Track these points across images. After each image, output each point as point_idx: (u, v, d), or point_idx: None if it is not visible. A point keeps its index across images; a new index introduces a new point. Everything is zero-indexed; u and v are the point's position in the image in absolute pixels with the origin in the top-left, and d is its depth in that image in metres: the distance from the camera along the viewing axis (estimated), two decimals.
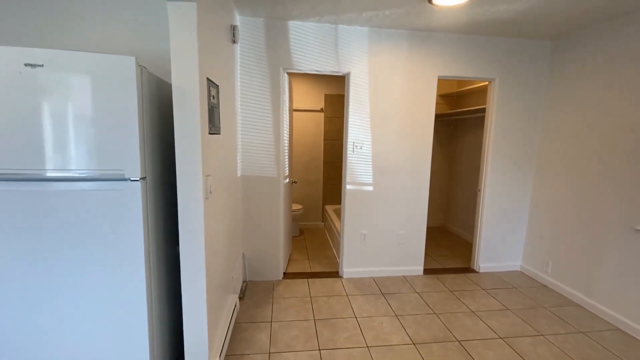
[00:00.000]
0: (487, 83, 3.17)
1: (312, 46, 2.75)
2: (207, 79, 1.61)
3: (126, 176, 1.32)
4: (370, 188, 3.02)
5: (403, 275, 3.16)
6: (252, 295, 2.70)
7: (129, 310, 1.41)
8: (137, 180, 1.33)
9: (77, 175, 1.29)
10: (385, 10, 2.39)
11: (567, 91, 2.80)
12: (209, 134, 1.65)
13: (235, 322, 2.30)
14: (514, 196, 3.19)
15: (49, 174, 1.27)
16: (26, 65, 1.18)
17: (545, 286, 2.96)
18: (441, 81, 4.34)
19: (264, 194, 2.89)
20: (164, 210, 1.62)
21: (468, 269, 3.32)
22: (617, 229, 2.38)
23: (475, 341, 2.15)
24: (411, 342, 2.12)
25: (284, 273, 3.14)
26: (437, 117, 4.62)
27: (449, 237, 4.44)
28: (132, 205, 1.34)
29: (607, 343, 2.16)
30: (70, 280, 1.35)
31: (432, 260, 3.54)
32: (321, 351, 2.02)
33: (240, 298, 2.64)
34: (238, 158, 2.70)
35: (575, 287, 2.70)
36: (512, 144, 3.10)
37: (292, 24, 2.69)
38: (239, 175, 2.72)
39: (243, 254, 2.92)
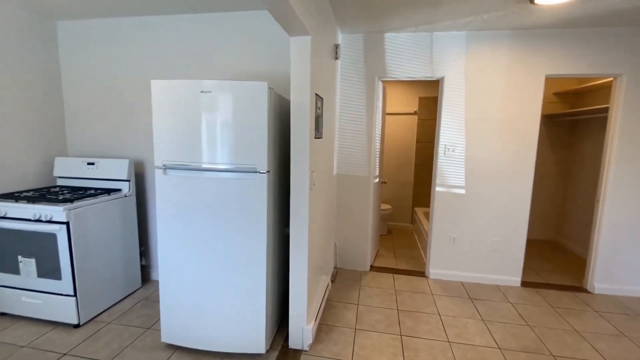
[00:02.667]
0: (612, 79, 2.79)
1: (406, 54, 2.92)
2: (316, 94, 1.98)
3: (257, 169, 1.78)
4: (462, 191, 3.01)
5: (496, 284, 3.03)
6: (341, 280, 3.03)
7: (254, 273, 1.87)
8: (264, 173, 1.78)
9: (227, 167, 1.81)
10: (483, 15, 2.40)
11: None
12: (315, 138, 2.03)
13: (327, 300, 2.66)
14: None
15: (219, 166, 1.82)
16: (201, 92, 1.74)
17: None
18: (557, 78, 3.91)
19: (355, 191, 3.19)
20: (278, 198, 2.07)
21: (579, 288, 2.96)
22: None
23: (574, 359, 2.00)
24: (497, 347, 2.11)
25: (371, 266, 3.38)
26: (551, 117, 4.17)
27: (561, 252, 3.95)
28: (260, 192, 1.80)
29: None
30: (218, 242, 1.88)
31: (534, 274, 3.27)
32: (402, 337, 2.20)
33: (332, 281, 3.00)
34: (334, 158, 3.07)
35: None
36: None
37: (388, 35, 2.91)
38: (334, 173, 3.10)
39: (335, 243, 3.28)
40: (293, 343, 2.05)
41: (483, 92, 2.85)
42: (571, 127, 4.17)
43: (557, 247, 4.15)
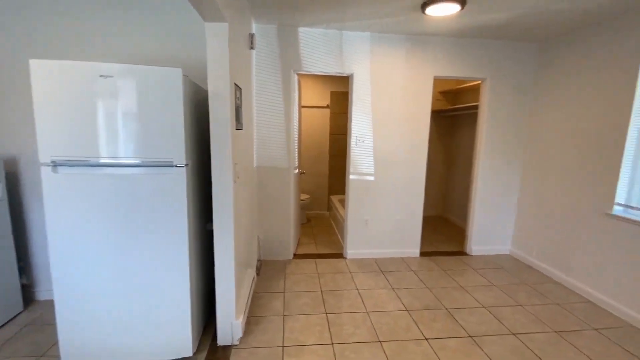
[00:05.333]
0: (480, 81, 3.45)
1: (319, 49, 3.05)
2: (235, 84, 1.93)
3: (174, 163, 1.66)
4: (372, 178, 3.34)
5: (401, 257, 3.49)
6: (266, 272, 3.06)
7: (176, 274, 1.76)
8: (182, 167, 1.67)
9: (136, 162, 1.63)
10: (384, 19, 2.68)
11: (552, 92, 3.07)
12: (236, 129, 1.99)
13: (254, 293, 2.66)
14: (504, 186, 3.49)
15: (126, 161, 1.62)
16: (101, 76, 1.52)
17: (530, 267, 3.27)
18: (442, 79, 4.62)
19: (276, 183, 3.23)
20: (199, 192, 1.97)
21: (461, 252, 3.64)
22: (591, 214, 2.68)
23: (461, 309, 2.48)
24: (405, 309, 2.47)
25: (294, 254, 3.49)
26: (438, 112, 4.91)
27: (447, 225, 4.76)
28: (179, 187, 1.68)
29: (577, 312, 2.48)
30: (130, 246, 1.70)
31: (429, 245, 3.87)
32: (328, 314, 2.37)
33: (257, 274, 2.99)
34: (254, 150, 3.04)
35: (556, 267, 3.01)
36: (503, 139, 3.39)
37: (302, 30, 3.00)
38: (255, 166, 3.07)
39: (258, 236, 3.27)
40: (222, 339, 2.01)
41: (386, 89, 3.19)
42: (453, 121, 5.01)
43: (444, 220, 4.98)
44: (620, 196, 2.48)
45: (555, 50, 3.05)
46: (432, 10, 2.39)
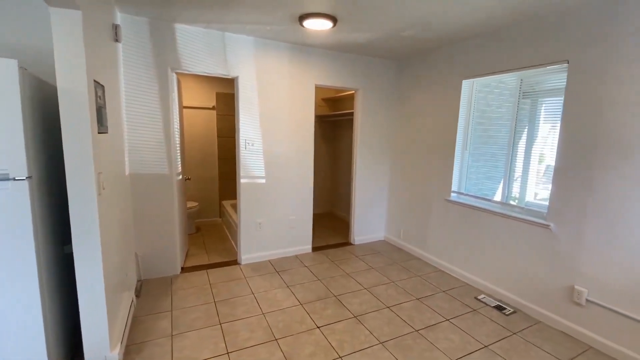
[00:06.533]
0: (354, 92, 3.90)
1: (201, 49, 2.91)
2: (94, 80, 1.68)
3: (11, 176, 1.33)
4: (263, 181, 3.38)
5: (295, 255, 3.65)
6: (149, 291, 2.74)
7: (23, 311, 1.42)
8: (23, 180, 1.36)
9: None
10: (266, 26, 2.76)
11: (409, 102, 3.74)
12: (98, 133, 1.73)
13: (134, 317, 2.35)
14: (377, 182, 4.05)
15: None
16: None
17: (399, 249, 3.90)
18: (322, 88, 5.01)
19: (156, 191, 2.93)
20: (52, 209, 1.63)
21: (347, 243, 4.05)
22: (436, 201, 3.38)
23: (347, 294, 2.77)
24: (299, 303, 2.60)
25: (182, 268, 3.23)
26: (322, 117, 5.30)
27: (335, 220, 5.19)
28: (19, 205, 1.36)
29: (431, 280, 3.09)
30: None
31: (319, 239, 4.15)
32: (222, 324, 2.30)
33: (137, 296, 2.65)
34: (126, 156, 2.68)
35: (416, 245, 3.67)
36: (374, 142, 3.93)
37: (179, 26, 2.80)
38: (127, 173, 2.71)
39: (136, 253, 2.89)
40: None
41: (272, 94, 3.28)
42: (335, 126, 5.49)
43: (332, 216, 5.42)
44: (455, 185, 3.21)
45: (409, 68, 3.71)
46: (309, 24, 2.59)
